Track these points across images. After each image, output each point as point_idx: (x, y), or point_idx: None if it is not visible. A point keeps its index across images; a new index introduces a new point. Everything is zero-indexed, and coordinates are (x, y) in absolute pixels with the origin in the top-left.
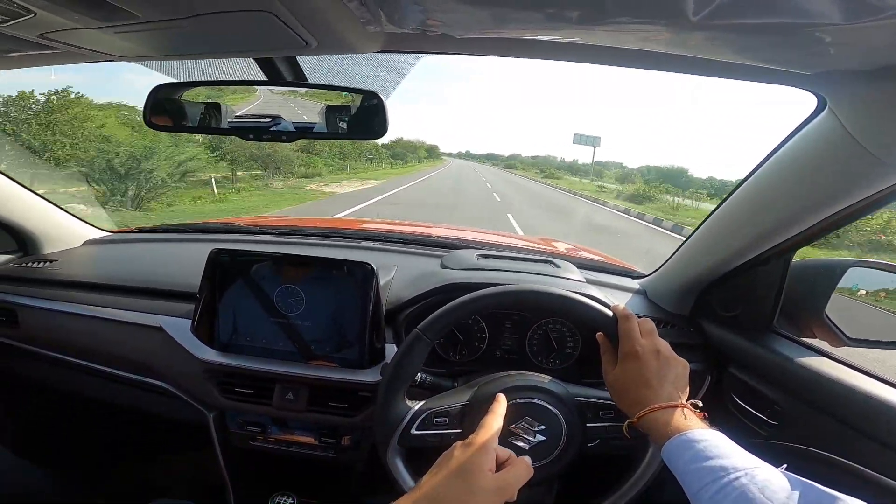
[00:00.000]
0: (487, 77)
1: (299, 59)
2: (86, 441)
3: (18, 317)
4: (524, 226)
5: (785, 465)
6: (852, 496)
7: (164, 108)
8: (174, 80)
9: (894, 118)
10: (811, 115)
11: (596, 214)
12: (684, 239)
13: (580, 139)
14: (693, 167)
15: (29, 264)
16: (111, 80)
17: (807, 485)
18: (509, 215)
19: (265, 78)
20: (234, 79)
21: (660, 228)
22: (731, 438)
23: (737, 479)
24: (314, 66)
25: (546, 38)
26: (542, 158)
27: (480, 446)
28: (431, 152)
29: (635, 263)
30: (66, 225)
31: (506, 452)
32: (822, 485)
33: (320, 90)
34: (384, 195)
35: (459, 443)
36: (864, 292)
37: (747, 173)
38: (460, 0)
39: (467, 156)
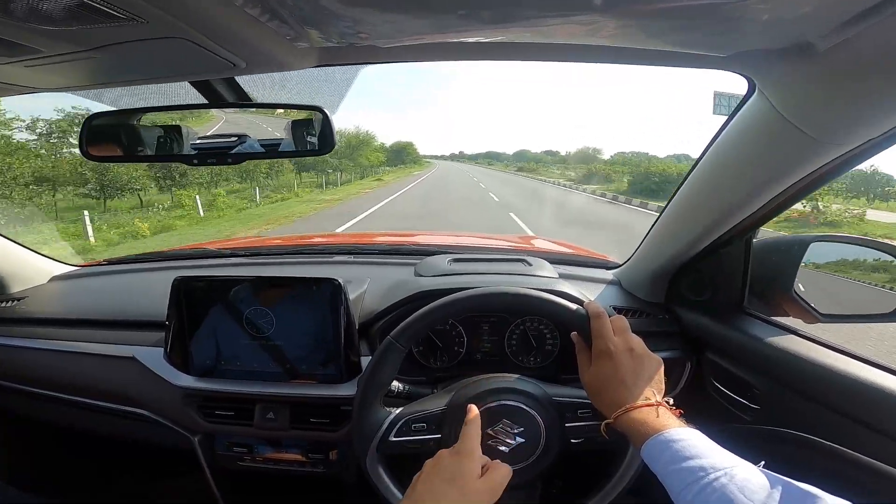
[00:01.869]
0: (475, 70)
1: (238, 78)
2: (75, 469)
3: None
4: None
5: (763, 462)
6: (833, 477)
7: (101, 137)
8: (110, 108)
9: (818, 95)
10: (744, 97)
11: None
12: (650, 226)
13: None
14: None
15: None
16: None
17: (786, 483)
18: None
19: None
20: (177, 101)
21: None
22: (717, 425)
23: (717, 478)
24: (258, 81)
25: (471, 40)
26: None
27: (468, 454)
28: (401, 156)
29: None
30: (30, 263)
31: (484, 458)
32: (805, 467)
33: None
34: None
35: (446, 451)
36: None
37: (697, 157)
38: (381, 10)
39: (461, 157)
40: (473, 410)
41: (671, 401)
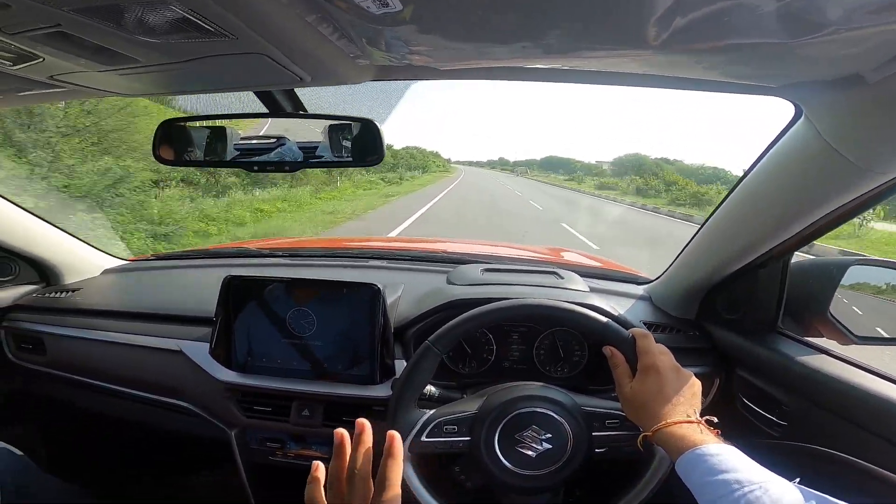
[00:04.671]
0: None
1: (297, 89)
2: (113, 458)
3: (45, 344)
4: None
5: (798, 479)
6: (863, 494)
7: (170, 142)
8: (181, 115)
9: (865, 124)
10: (790, 122)
11: None
12: (685, 244)
13: None
14: None
15: (52, 294)
16: None
17: (821, 498)
18: None
19: (266, 109)
20: (238, 108)
21: None
22: (743, 440)
23: (751, 491)
24: (316, 92)
25: (528, 66)
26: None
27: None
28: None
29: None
30: (85, 255)
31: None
32: (832, 484)
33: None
34: None
35: None
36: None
37: (738, 178)
38: (441, 36)
39: (501, 164)
40: (396, 443)
41: (715, 419)
